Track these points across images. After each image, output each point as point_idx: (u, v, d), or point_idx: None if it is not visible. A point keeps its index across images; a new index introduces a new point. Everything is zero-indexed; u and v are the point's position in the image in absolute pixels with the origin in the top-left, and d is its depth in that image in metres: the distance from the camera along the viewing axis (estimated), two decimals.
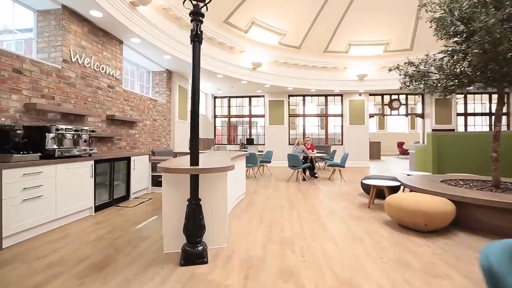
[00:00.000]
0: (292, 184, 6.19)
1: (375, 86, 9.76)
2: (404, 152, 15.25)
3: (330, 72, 9.72)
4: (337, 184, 6.29)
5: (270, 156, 7.98)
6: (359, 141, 10.38)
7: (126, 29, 4.66)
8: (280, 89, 9.86)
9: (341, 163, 6.66)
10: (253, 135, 12.06)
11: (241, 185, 4.71)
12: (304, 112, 11.03)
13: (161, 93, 7.27)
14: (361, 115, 10.42)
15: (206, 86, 9.74)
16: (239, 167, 4.53)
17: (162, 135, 7.08)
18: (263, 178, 7.13)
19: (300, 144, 6.57)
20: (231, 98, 11.48)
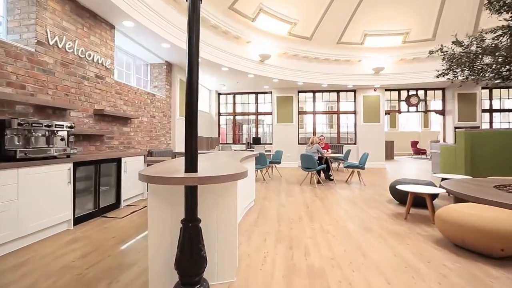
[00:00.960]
0: (307, 188, 5.49)
1: (392, 80, 8.99)
2: (418, 152, 14.44)
3: (343, 66, 8.98)
4: (357, 188, 5.57)
5: (280, 156, 7.29)
6: (374, 140, 9.62)
7: (117, 10, 4.01)
8: (289, 84, 9.15)
9: (360, 164, 5.93)
10: (260, 134, 11.38)
11: (251, 190, 4.03)
12: (314, 109, 10.30)
13: (160, 87, 6.62)
14: (376, 111, 9.65)
15: (209, 81, 9.08)
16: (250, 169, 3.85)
17: (161, 134, 6.43)
18: (273, 181, 6.44)
19: (314, 143, 5.86)
20: (236, 95, 10.80)
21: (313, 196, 4.75)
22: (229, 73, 7.71)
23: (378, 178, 6.90)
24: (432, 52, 4.01)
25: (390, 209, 3.84)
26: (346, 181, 6.30)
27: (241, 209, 3.38)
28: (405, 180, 4.15)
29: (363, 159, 5.93)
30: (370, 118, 9.67)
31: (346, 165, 6.06)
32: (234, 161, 2.41)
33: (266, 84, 9.44)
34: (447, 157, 6.68)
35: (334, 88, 9.80)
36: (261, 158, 6.06)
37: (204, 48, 6.18)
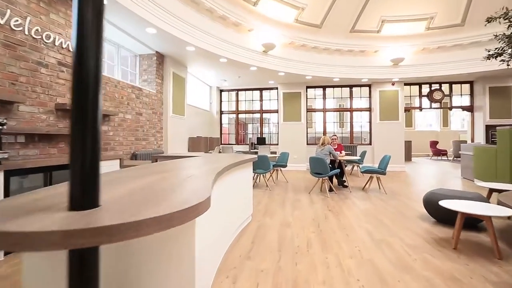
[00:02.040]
0: (317, 198, 4.61)
1: (412, 72, 7.98)
2: (439, 152, 13.26)
3: (358, 57, 8.03)
4: (378, 197, 4.65)
5: (286, 159, 6.42)
6: (392, 140, 8.61)
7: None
8: (296, 78, 8.27)
9: (380, 169, 5.00)
10: (265, 133, 10.53)
11: (246, 204, 3.20)
12: (324, 106, 9.37)
13: (150, 81, 5.87)
14: (394, 108, 8.64)
15: (208, 76, 8.30)
16: (243, 179, 3.03)
17: (151, 133, 5.68)
18: (277, 188, 5.58)
19: (326, 143, 4.97)
20: (239, 92, 9.99)
21: (325, 209, 3.87)
22: (229, 65, 6.90)
23: (399, 184, 5.93)
24: (489, 20, 3.05)
25: (428, 231, 2.93)
26: (363, 188, 5.38)
27: (230, 233, 2.56)
28: (443, 192, 3.22)
29: (383, 163, 5.00)
30: (387, 116, 8.67)
31: (363, 169, 5.14)
32: (207, 175, 1.57)
33: (271, 79, 8.59)
34: (483, 160, 5.67)
35: (347, 82, 8.85)
36: (263, 161, 5.22)
37: (197, 35, 5.39)
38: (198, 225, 1.28)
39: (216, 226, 1.94)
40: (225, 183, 2.36)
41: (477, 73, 7.76)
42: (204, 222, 1.40)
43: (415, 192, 5.10)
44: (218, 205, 2.03)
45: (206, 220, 1.45)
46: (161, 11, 4.52)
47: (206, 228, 1.51)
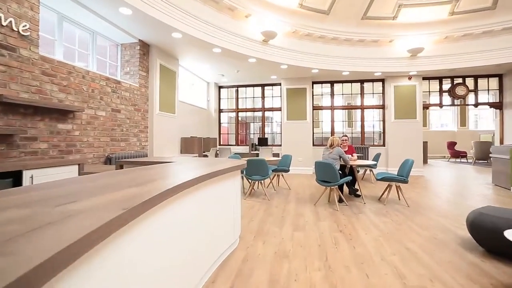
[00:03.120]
0: (324, 212, 3.78)
1: (432, 64, 7.05)
2: (457, 154, 12.22)
3: (370, 48, 7.15)
4: (399, 211, 3.79)
5: (289, 163, 5.60)
6: (409, 140, 7.69)
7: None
8: (301, 72, 7.44)
9: (402, 177, 4.14)
10: (267, 133, 9.73)
11: (230, 225, 2.41)
12: (332, 104, 8.50)
13: (133, 74, 5.15)
14: (412, 105, 7.72)
15: (204, 70, 7.55)
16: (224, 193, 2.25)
17: (132, 133, 4.95)
18: (278, 197, 4.77)
19: (335, 145, 4.13)
20: (240, 88, 9.21)
21: (335, 230, 3.04)
22: (224, 56, 6.12)
23: (422, 193, 5.04)
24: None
25: (481, 270, 2.08)
26: (379, 199, 4.52)
27: (199, 272, 1.77)
28: (498, 213, 2.36)
29: (405, 168, 4.13)
30: (404, 114, 7.75)
31: (380, 176, 4.27)
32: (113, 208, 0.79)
33: (273, 74, 7.78)
34: None
35: (358, 77, 7.97)
36: (260, 166, 4.42)
37: (185, 19, 4.63)
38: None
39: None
40: (191, 203, 1.59)
41: (509, 65, 6.77)
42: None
43: (444, 205, 4.22)
44: (173, 242, 1.26)
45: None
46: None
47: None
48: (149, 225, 1.11)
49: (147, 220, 1.09)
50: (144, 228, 1.06)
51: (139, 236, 1.03)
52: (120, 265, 0.91)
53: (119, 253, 0.89)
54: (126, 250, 0.94)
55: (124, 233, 0.90)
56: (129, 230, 0.95)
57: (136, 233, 1.00)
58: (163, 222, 1.26)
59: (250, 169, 4.50)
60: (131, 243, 0.97)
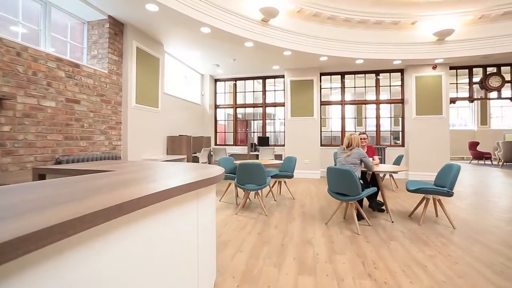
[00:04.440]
0: (341, 238, 2.76)
1: (463, 50, 5.94)
2: (480, 156, 11.03)
3: (389, 31, 6.08)
4: (444, 236, 2.75)
5: (293, 166, 4.58)
6: (434, 140, 6.61)
7: None
8: (307, 61, 6.42)
9: (442, 188, 3.09)
10: (269, 132, 8.73)
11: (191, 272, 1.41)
12: (343, 98, 7.45)
13: (101, 57, 4.21)
14: (437, 99, 6.63)
15: (195, 58, 6.57)
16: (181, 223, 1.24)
17: (99, 130, 4.00)
18: (279, 211, 3.76)
19: (354, 145, 3.09)
20: (238, 81, 8.22)
21: (361, 273, 2.03)
22: (215, 39, 5.13)
23: (462, 206, 3.97)
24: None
25: None
26: (410, 215, 3.48)
27: None
28: None
29: (449, 177, 3.07)
30: (427, 109, 6.66)
31: (414, 187, 3.21)
32: None
33: (275, 63, 6.78)
34: None
35: (372, 67, 6.91)
36: (255, 172, 3.42)
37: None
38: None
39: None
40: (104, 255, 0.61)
41: None
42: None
43: (502, 225, 3.15)
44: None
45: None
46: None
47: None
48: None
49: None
50: None
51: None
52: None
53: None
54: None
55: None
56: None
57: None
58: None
59: (242, 176, 3.50)
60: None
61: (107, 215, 0.75)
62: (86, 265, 0.75)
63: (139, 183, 1.19)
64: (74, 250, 0.71)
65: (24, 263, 0.57)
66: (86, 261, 0.75)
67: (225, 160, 4.41)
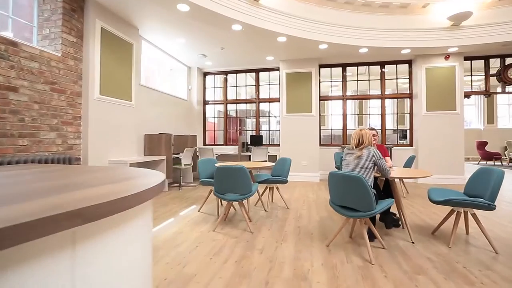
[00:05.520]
0: (349, 268, 2.02)
1: (479, 37, 5.24)
2: (489, 156, 10.37)
3: (396, 16, 5.37)
4: (486, 264, 2.03)
5: (287, 169, 3.83)
6: (447, 138, 5.90)
7: None
8: (305, 50, 5.69)
9: (479, 199, 2.37)
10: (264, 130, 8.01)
11: None
12: (344, 93, 6.73)
13: (54, 37, 3.46)
14: (450, 93, 5.92)
15: (178, 47, 5.81)
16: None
17: (48, 126, 3.25)
18: (268, 226, 3.02)
19: (365, 144, 2.36)
20: (229, 74, 7.49)
21: None
22: (197, 21, 4.38)
23: (494, 220, 3.24)
24: None
25: None
26: (433, 232, 2.75)
27: None
28: None
29: (488, 185, 2.35)
30: (439, 105, 5.95)
31: (440, 198, 2.48)
32: None
33: (269, 52, 6.04)
34: None
35: (377, 57, 6.19)
36: (238, 178, 2.68)
37: None
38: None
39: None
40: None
41: None
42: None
43: None
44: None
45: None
46: None
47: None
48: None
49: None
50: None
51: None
52: None
53: None
54: None
55: None
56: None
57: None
58: None
59: (221, 183, 2.76)
60: None
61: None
62: None
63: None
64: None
65: None
66: None
67: (205, 162, 3.66)
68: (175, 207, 3.81)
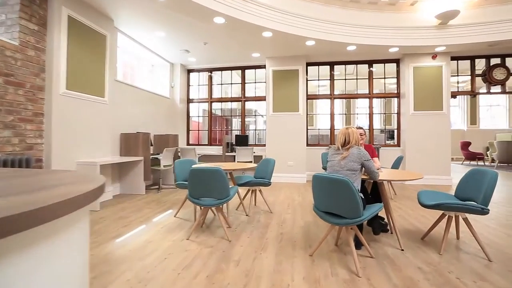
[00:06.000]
0: (333, 283, 1.80)
1: (467, 36, 5.18)
2: (473, 156, 10.52)
3: (385, 13, 5.26)
4: (480, 274, 1.87)
5: (270, 171, 3.60)
6: (434, 139, 5.84)
7: None
8: (292, 47, 5.49)
9: (473, 204, 2.22)
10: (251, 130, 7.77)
11: None
12: (332, 92, 6.58)
13: (11, 24, 3.10)
14: (437, 93, 5.87)
15: (158, 41, 5.47)
16: None
17: (2, 123, 2.89)
18: (248, 233, 2.78)
19: (351, 143, 2.15)
20: (214, 72, 7.21)
21: None
22: (174, 10, 4.09)
23: (484, 223, 3.12)
24: None
25: None
26: (423, 238, 2.59)
27: None
28: None
29: (482, 187, 2.20)
30: (426, 104, 5.88)
31: (431, 202, 2.30)
32: None
33: (254, 49, 5.81)
34: None
35: (365, 55, 6.07)
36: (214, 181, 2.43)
37: None
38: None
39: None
40: None
41: None
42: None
43: None
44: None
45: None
46: None
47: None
48: None
49: None
50: None
51: None
52: None
53: None
54: None
55: None
56: None
57: None
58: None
59: (196, 187, 2.50)
60: None
61: None
62: None
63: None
64: None
65: None
66: None
67: (183, 163, 3.39)
68: (149, 212, 3.51)
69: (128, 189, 4.68)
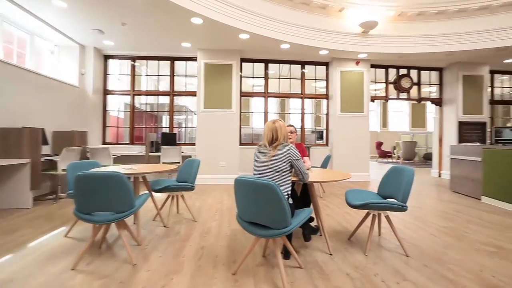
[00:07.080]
0: None
1: (385, 45, 5.72)
2: (384, 154, 12.16)
3: (316, 15, 5.38)
4: (400, 271, 1.84)
5: (194, 174, 3.12)
6: (356, 138, 6.31)
7: None
8: (225, 39, 5.13)
9: (394, 202, 2.24)
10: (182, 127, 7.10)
11: None
12: (266, 90, 6.48)
13: None
14: (359, 96, 6.36)
15: (60, 14, 4.35)
16: None
17: None
18: (161, 250, 2.27)
19: (280, 140, 1.89)
20: (138, 60, 6.29)
21: None
22: None
23: (399, 215, 3.35)
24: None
25: None
26: (349, 238, 2.55)
27: None
28: None
29: (401, 184, 2.25)
30: (351, 106, 6.31)
31: (358, 202, 2.24)
32: None
33: (184, 37, 5.23)
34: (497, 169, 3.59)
35: (298, 56, 6.15)
36: (110, 189, 1.86)
37: None
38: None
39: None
40: None
41: (455, 55, 6.00)
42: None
43: (452, 243, 2.51)
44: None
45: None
46: None
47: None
48: None
49: None
50: None
51: None
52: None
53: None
54: None
55: None
56: None
57: None
58: None
59: (84, 199, 1.88)
60: None
61: None
62: None
63: None
64: None
65: None
66: None
67: (77, 167, 2.64)
68: (29, 233, 2.62)
69: (5, 202, 3.54)
